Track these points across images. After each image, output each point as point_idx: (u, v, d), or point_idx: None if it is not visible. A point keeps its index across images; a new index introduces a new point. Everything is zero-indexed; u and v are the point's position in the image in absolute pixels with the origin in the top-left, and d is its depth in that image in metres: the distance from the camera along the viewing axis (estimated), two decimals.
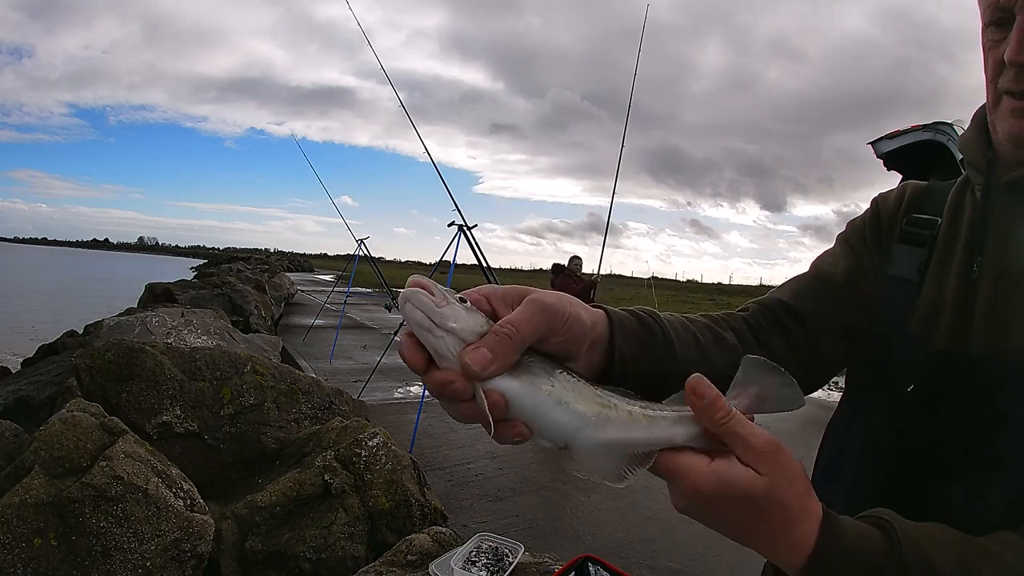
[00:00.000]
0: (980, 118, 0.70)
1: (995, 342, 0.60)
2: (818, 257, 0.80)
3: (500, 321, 0.44)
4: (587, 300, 0.57)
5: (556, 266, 6.40)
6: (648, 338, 0.59)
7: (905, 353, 0.67)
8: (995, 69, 0.63)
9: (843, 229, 0.81)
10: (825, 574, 0.44)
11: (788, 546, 0.44)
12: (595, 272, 6.29)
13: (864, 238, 0.77)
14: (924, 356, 0.65)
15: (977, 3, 0.66)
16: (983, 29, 0.65)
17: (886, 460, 0.65)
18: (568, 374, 0.45)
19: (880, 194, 0.80)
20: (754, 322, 0.71)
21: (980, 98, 0.74)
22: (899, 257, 0.72)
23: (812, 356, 0.71)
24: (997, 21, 0.61)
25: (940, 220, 0.71)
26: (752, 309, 0.73)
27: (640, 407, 0.44)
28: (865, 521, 0.48)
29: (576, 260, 6.34)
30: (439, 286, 0.42)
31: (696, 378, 0.43)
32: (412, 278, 0.42)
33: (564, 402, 0.43)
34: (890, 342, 0.69)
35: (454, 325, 0.41)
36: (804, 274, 0.79)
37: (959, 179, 0.74)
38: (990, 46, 0.63)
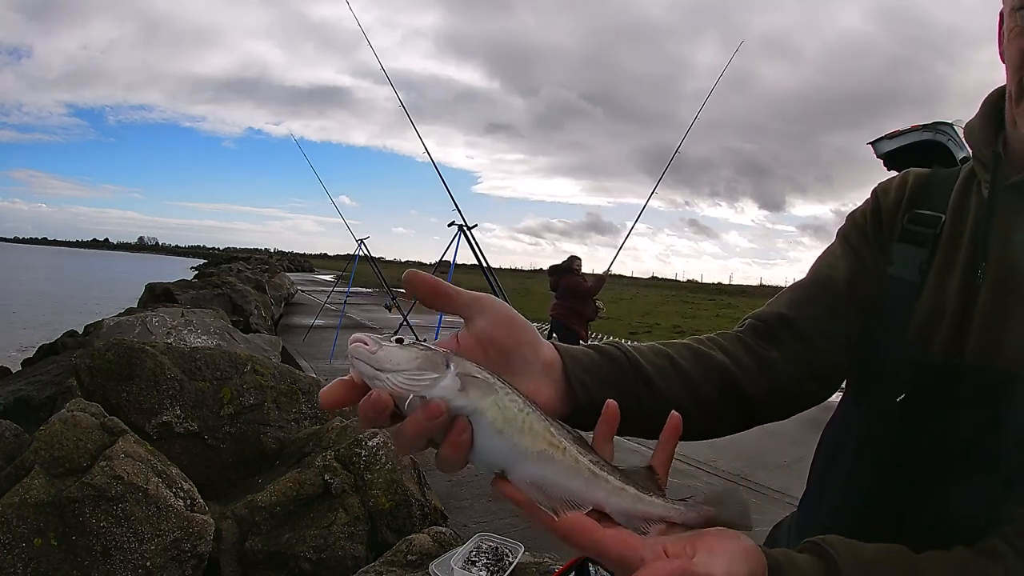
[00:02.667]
0: (990, 106, 0.66)
1: (989, 351, 0.58)
2: (818, 259, 0.76)
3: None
4: (597, 291, 0.56)
5: (557, 267, 6.37)
6: (610, 368, 0.56)
7: (900, 359, 0.64)
8: (1018, 59, 0.58)
9: (843, 223, 0.78)
10: None
11: None
12: (605, 271, 6.29)
13: (865, 234, 0.73)
14: (917, 365, 0.62)
15: None
16: (1008, 13, 0.60)
17: (878, 466, 0.64)
18: (527, 403, 0.44)
19: (880, 184, 0.76)
20: (748, 339, 0.68)
21: (979, 97, 0.71)
22: (900, 256, 0.69)
23: (816, 367, 0.68)
24: None
25: (944, 218, 0.67)
26: (747, 325, 0.71)
27: (591, 459, 0.44)
28: (809, 551, 0.48)
29: (576, 260, 6.34)
30: (372, 337, 0.43)
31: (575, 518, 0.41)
32: (352, 338, 0.43)
33: (511, 429, 0.42)
34: (886, 346, 0.66)
35: (391, 364, 0.42)
36: (802, 281, 0.75)
37: (964, 170, 0.70)
38: (1018, 32, 0.58)
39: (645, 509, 0.44)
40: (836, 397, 0.76)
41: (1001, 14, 0.63)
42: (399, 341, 0.44)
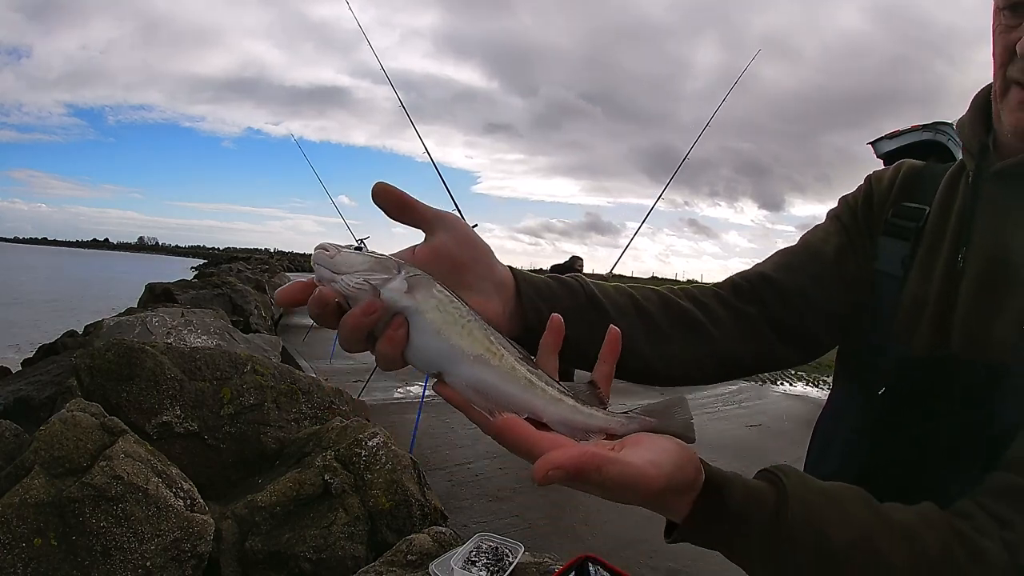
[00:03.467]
0: (980, 102, 0.67)
1: (973, 342, 0.58)
2: (808, 232, 0.77)
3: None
4: None
5: (560, 267, 6.37)
6: (566, 296, 0.57)
7: (884, 353, 0.65)
8: (1005, 55, 0.60)
9: (834, 206, 0.79)
10: (706, 535, 0.44)
11: (674, 513, 0.44)
12: (608, 272, 6.29)
13: (856, 216, 0.74)
14: (900, 358, 0.63)
15: None
16: (996, 11, 0.62)
17: (867, 458, 0.64)
18: (471, 312, 0.45)
19: (875, 172, 0.77)
20: (727, 295, 0.69)
21: None
22: (884, 250, 0.70)
23: (793, 330, 0.69)
24: (1013, 6, 0.59)
25: (928, 210, 0.68)
26: (728, 282, 0.72)
27: (529, 368, 0.44)
28: (762, 477, 0.47)
29: (578, 260, 6.33)
30: (334, 244, 0.46)
31: (544, 461, 0.36)
32: (316, 245, 0.45)
33: (451, 331, 0.43)
34: (872, 339, 0.67)
35: (347, 267, 0.44)
36: (792, 247, 0.76)
37: (955, 163, 0.71)
38: (1002, 30, 0.60)
39: (584, 420, 0.44)
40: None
41: (993, 14, 0.64)
42: (358, 249, 0.46)
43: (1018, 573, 0.45)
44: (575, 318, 0.54)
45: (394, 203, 0.48)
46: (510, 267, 0.56)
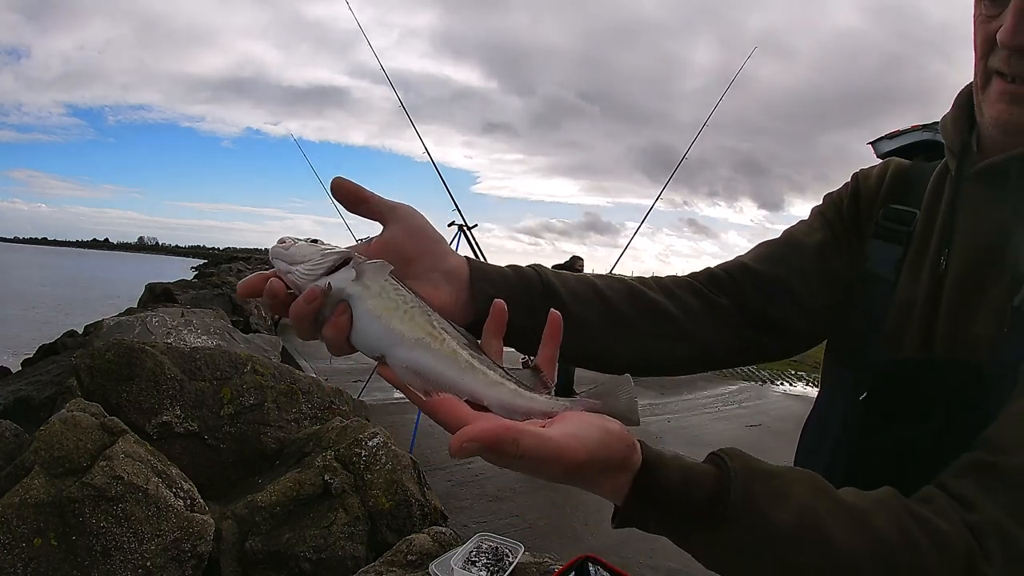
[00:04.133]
0: (963, 100, 0.67)
1: (955, 342, 0.58)
2: (792, 225, 0.77)
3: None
4: None
5: (560, 267, 6.38)
6: (520, 285, 0.57)
7: (868, 355, 0.65)
8: (985, 46, 0.58)
9: (820, 203, 0.78)
10: (643, 517, 0.43)
11: (610, 494, 0.43)
12: (608, 272, 6.29)
13: (841, 214, 0.74)
14: (882, 361, 0.63)
15: None
16: (977, 1, 0.61)
17: (850, 462, 0.64)
18: (416, 299, 0.46)
19: (861, 170, 0.77)
20: (699, 285, 0.69)
21: None
22: (875, 253, 0.70)
23: (770, 321, 0.69)
24: None
25: (918, 214, 0.68)
26: (705, 273, 0.72)
27: (471, 353, 0.45)
28: (709, 460, 0.46)
29: (578, 260, 6.33)
30: (292, 237, 0.49)
31: (460, 437, 0.35)
32: (277, 239, 0.48)
33: (392, 315, 0.45)
34: (862, 343, 0.67)
35: (300, 257, 0.47)
36: (775, 239, 0.76)
37: (941, 163, 0.70)
38: (982, 20, 0.59)
39: (525, 404, 0.44)
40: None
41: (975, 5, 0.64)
42: (313, 242, 0.48)
43: (982, 558, 0.43)
44: (528, 305, 0.55)
45: (351, 197, 0.49)
46: (467, 257, 0.56)
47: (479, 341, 0.48)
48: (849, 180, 0.76)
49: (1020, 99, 0.57)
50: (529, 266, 0.61)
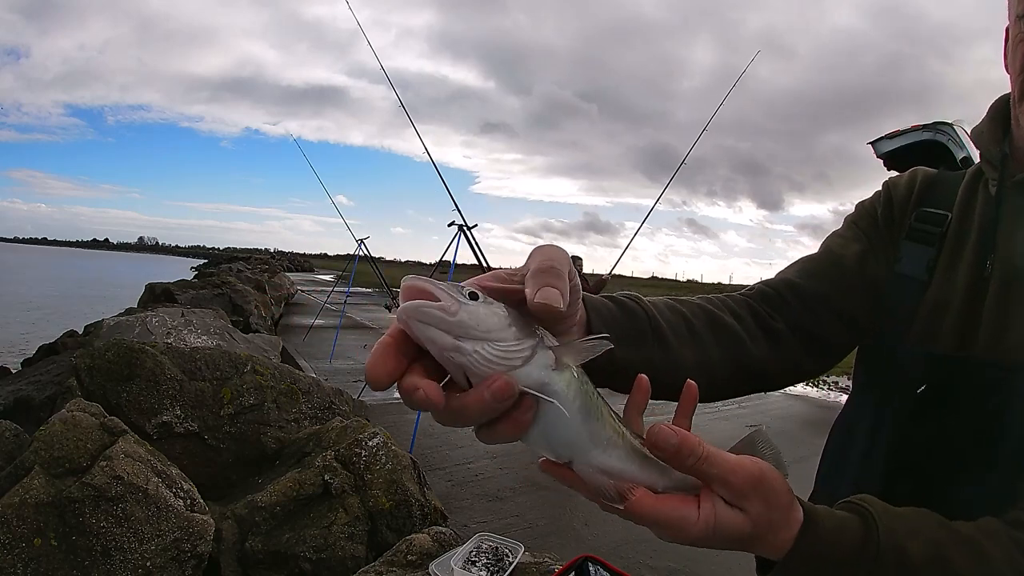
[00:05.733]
0: (998, 110, 0.69)
1: (998, 345, 0.59)
2: (828, 237, 0.78)
3: (538, 287, 0.38)
4: (597, 293, 0.56)
5: None
6: (631, 326, 0.56)
7: (910, 354, 0.66)
8: (1022, 63, 0.61)
9: (851, 212, 0.80)
10: (801, 570, 0.45)
11: (771, 550, 0.45)
12: (608, 273, 6.29)
13: (876, 222, 0.75)
14: (929, 359, 0.63)
15: None
16: (1014, 21, 0.63)
17: (888, 463, 0.65)
18: (589, 381, 0.39)
19: (891, 178, 0.78)
20: (757, 305, 0.69)
21: (975, 94, 0.73)
22: (907, 254, 0.71)
23: (818, 340, 0.70)
24: None
25: (950, 216, 0.69)
26: (756, 290, 0.72)
27: (639, 439, 0.42)
28: (846, 509, 0.48)
29: (578, 260, 6.33)
30: (440, 285, 0.35)
31: (655, 430, 0.39)
32: (406, 283, 0.35)
33: (589, 415, 0.38)
34: (895, 342, 0.68)
35: (479, 330, 0.34)
36: (815, 254, 0.77)
37: (971, 170, 0.72)
38: (1020, 39, 0.62)
39: (693, 481, 0.43)
40: (834, 397, 0.77)
41: (1007, 30, 0.66)
42: (472, 296, 0.36)
43: None
44: (635, 343, 0.55)
45: (553, 315, 0.39)
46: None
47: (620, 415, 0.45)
48: (880, 188, 0.78)
49: None
50: (626, 295, 0.60)
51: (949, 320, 0.64)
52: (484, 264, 5.83)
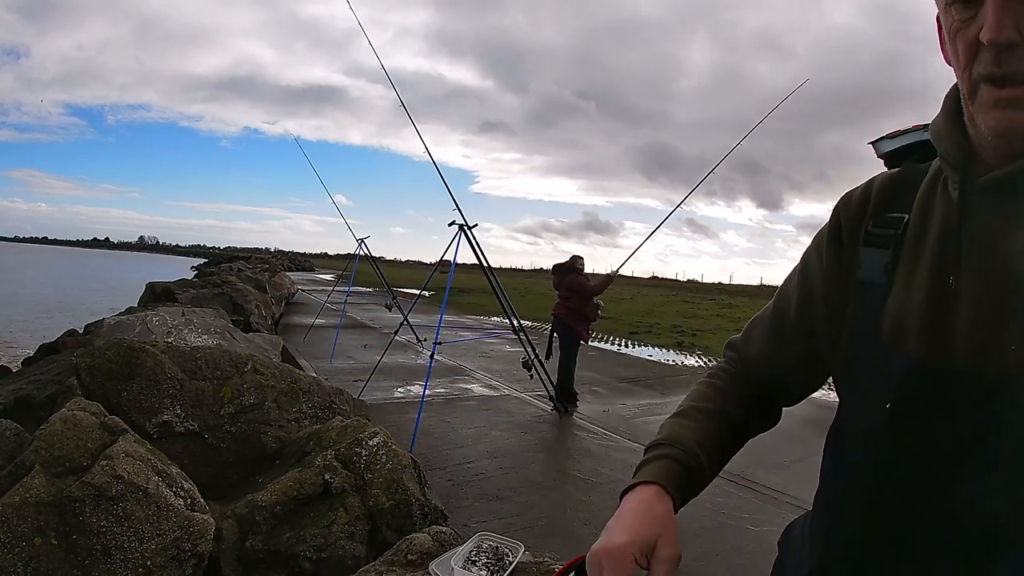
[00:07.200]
0: (952, 105, 0.63)
1: (978, 356, 0.56)
2: (782, 285, 0.83)
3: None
4: (602, 291, 0.60)
5: (562, 266, 6.36)
6: (696, 482, 0.72)
7: (879, 364, 0.63)
8: (968, 54, 0.55)
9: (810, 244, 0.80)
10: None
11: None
12: (615, 270, 6.29)
13: (821, 261, 0.74)
14: (902, 370, 0.60)
15: None
16: (944, 9, 0.58)
17: (878, 465, 0.63)
18: None
19: (843, 198, 0.75)
20: (739, 381, 0.84)
21: None
22: (866, 261, 0.68)
23: (789, 393, 0.84)
24: None
25: (907, 217, 0.66)
26: (730, 361, 0.87)
27: None
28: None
29: (579, 260, 6.33)
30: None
31: None
32: None
33: None
34: (863, 350, 0.66)
35: None
36: (763, 315, 0.84)
37: (932, 167, 0.67)
38: (957, 28, 0.56)
39: None
40: (833, 397, 0.78)
41: (937, 19, 0.61)
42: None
43: None
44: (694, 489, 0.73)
45: None
46: (661, 487, 0.68)
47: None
48: (831, 215, 0.75)
49: (1017, 102, 0.53)
50: (673, 445, 0.73)
51: (915, 329, 0.60)
52: (485, 264, 5.83)
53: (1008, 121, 0.53)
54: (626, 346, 12.73)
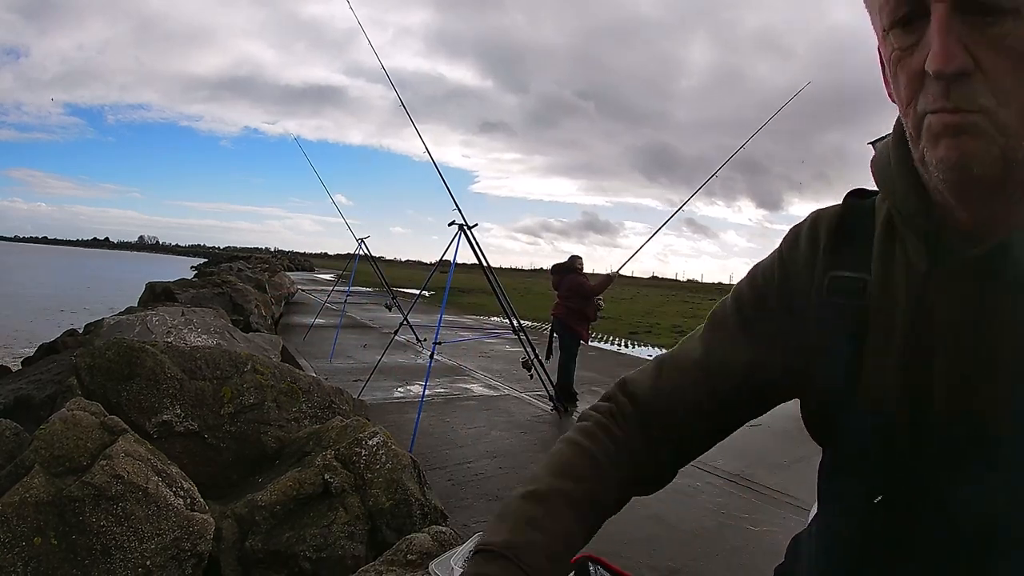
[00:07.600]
0: (901, 146, 0.55)
1: (962, 408, 0.53)
2: (714, 340, 0.73)
3: None
4: (602, 291, 0.58)
5: (562, 266, 6.36)
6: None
7: (857, 424, 0.60)
8: (912, 87, 0.48)
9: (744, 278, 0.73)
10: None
11: None
12: (616, 270, 6.30)
13: (762, 306, 0.68)
14: (885, 422, 0.57)
15: (866, 7, 0.52)
16: (882, 38, 0.51)
17: (869, 471, 0.61)
18: None
19: (786, 239, 0.68)
20: (634, 436, 0.71)
21: None
22: (825, 323, 0.62)
23: (693, 440, 0.74)
24: (903, 19, 0.47)
25: (868, 280, 0.59)
26: (626, 411, 0.72)
27: None
28: None
29: (578, 259, 6.34)
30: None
31: None
32: None
33: None
34: (839, 416, 0.62)
35: None
36: (675, 364, 0.73)
37: (881, 220, 0.60)
38: (898, 57, 0.49)
39: None
40: None
41: (879, 49, 0.53)
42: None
43: None
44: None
45: None
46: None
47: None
48: (775, 257, 0.69)
49: (968, 128, 0.45)
50: (513, 559, 0.61)
51: (894, 399, 0.57)
52: (484, 263, 5.83)
53: (959, 151, 0.45)
54: (626, 346, 12.74)
